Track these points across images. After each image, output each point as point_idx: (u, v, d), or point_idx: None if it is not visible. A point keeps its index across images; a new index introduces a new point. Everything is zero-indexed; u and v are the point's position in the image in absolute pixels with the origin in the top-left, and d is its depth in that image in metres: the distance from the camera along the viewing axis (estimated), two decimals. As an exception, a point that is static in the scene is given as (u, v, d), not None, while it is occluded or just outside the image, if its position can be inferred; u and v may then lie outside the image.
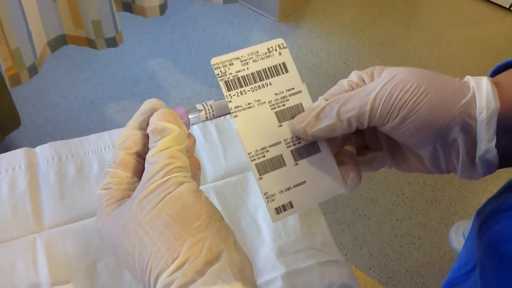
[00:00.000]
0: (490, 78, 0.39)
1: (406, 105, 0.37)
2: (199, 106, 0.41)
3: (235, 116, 0.41)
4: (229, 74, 0.41)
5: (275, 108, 0.42)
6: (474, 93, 0.38)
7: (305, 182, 0.42)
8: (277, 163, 0.41)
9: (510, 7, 2.32)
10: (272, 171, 0.41)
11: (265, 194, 0.41)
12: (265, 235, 0.62)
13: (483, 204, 0.47)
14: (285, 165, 0.42)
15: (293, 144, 0.42)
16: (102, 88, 1.78)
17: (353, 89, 0.41)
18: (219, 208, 0.63)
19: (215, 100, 0.42)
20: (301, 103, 0.43)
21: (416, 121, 0.38)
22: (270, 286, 0.58)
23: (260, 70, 0.42)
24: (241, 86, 0.41)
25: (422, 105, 0.37)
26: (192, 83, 1.86)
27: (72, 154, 0.66)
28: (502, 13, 2.33)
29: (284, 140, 0.42)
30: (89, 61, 1.89)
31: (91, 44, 1.33)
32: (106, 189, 0.38)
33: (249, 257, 0.60)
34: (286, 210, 0.41)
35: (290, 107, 0.43)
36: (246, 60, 0.42)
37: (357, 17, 2.24)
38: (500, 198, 0.43)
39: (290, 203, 0.41)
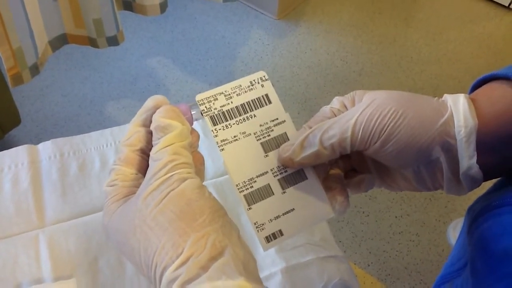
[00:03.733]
0: (467, 95, 0.40)
1: (386, 129, 0.38)
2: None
3: (222, 149, 0.42)
4: (214, 109, 0.42)
5: (260, 139, 0.43)
6: (452, 112, 0.38)
7: (293, 209, 0.43)
8: (265, 192, 0.42)
9: (509, 5, 2.33)
10: (260, 200, 0.42)
11: (254, 223, 0.42)
12: (265, 231, 0.63)
13: (474, 201, 0.48)
14: (273, 194, 0.43)
15: (280, 173, 0.43)
16: (102, 86, 1.79)
17: (335, 115, 0.42)
18: (219, 205, 0.64)
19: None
20: (285, 133, 0.44)
21: (397, 144, 0.38)
22: (270, 281, 0.59)
23: (244, 103, 0.43)
24: (226, 120, 0.42)
25: (401, 128, 0.38)
26: (192, 81, 1.86)
27: (74, 151, 0.67)
28: (501, 12, 2.34)
29: (271, 170, 0.43)
30: (88, 59, 1.89)
31: (92, 43, 1.33)
32: (111, 186, 0.38)
33: (249, 252, 0.61)
34: (276, 238, 0.42)
35: (275, 137, 0.44)
36: (229, 94, 0.43)
37: (356, 15, 2.25)
38: (490, 196, 0.44)
39: (280, 231, 0.42)
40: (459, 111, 0.38)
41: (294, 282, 0.59)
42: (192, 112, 0.41)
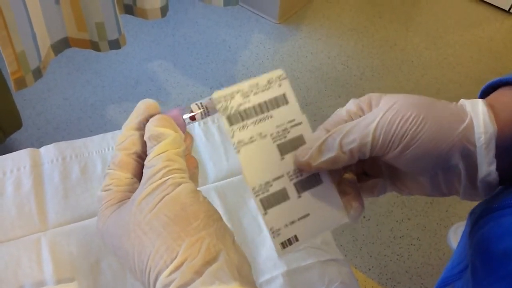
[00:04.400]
0: (485, 101, 0.40)
1: (407, 135, 0.38)
2: (193, 107, 0.40)
3: (238, 151, 0.40)
4: (230, 108, 0.41)
5: (276, 140, 0.42)
6: (471, 118, 0.38)
7: (308, 214, 0.42)
8: (281, 197, 0.41)
9: (509, 9, 2.33)
10: (276, 205, 0.41)
11: (270, 229, 0.40)
12: (266, 234, 0.63)
13: (476, 204, 0.48)
14: (289, 199, 0.41)
15: (296, 177, 0.42)
16: (103, 90, 1.79)
17: (352, 119, 0.42)
18: (221, 208, 0.64)
19: (209, 99, 0.41)
20: (302, 135, 0.43)
21: (417, 150, 0.38)
22: (271, 285, 0.59)
23: (261, 103, 0.42)
24: (243, 120, 0.41)
25: (422, 134, 0.38)
26: (193, 85, 1.87)
27: (76, 155, 0.67)
28: (501, 16, 2.35)
29: (287, 173, 0.42)
30: (90, 63, 1.90)
31: (94, 46, 1.34)
32: (106, 190, 0.38)
33: (251, 256, 0.61)
34: (292, 244, 0.41)
35: (291, 139, 0.42)
36: (247, 92, 0.41)
37: (357, 19, 2.25)
38: (491, 198, 0.44)
39: (296, 236, 0.41)
40: (478, 117, 0.38)
41: (295, 286, 0.59)
42: (184, 116, 0.40)
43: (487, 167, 0.38)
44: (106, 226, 0.37)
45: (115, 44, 1.34)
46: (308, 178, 0.42)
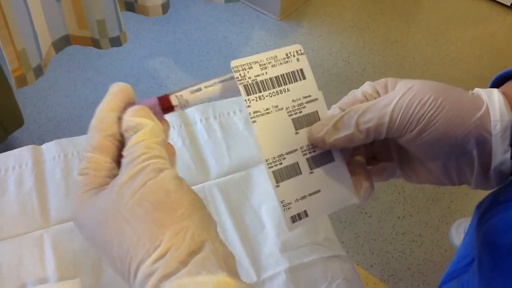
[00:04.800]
0: (499, 90, 0.40)
1: (425, 117, 0.38)
2: (173, 99, 0.40)
3: (254, 121, 0.40)
4: (248, 78, 0.41)
5: (292, 115, 0.42)
6: (487, 106, 0.38)
7: (319, 191, 0.42)
8: (293, 171, 0.41)
9: (511, 5, 2.32)
10: (288, 179, 0.41)
11: (281, 202, 0.41)
12: (268, 231, 0.63)
13: (483, 198, 0.48)
14: (301, 173, 0.42)
15: (309, 152, 0.42)
16: (104, 87, 1.77)
17: (367, 100, 0.42)
18: (223, 204, 0.64)
19: (191, 92, 0.40)
20: (317, 111, 0.43)
21: (433, 134, 0.38)
22: (274, 281, 0.59)
23: (278, 76, 0.42)
24: (260, 91, 0.41)
25: (439, 118, 0.37)
26: (194, 82, 1.86)
27: (77, 151, 0.67)
28: (503, 12, 2.34)
29: (300, 148, 0.42)
30: (91, 60, 1.89)
31: (95, 43, 1.33)
32: (83, 174, 0.36)
33: (253, 252, 0.61)
34: (301, 219, 0.41)
35: (306, 115, 0.42)
36: (264, 64, 0.42)
37: (358, 15, 2.25)
38: (498, 191, 0.44)
39: (305, 212, 0.41)
40: (494, 105, 0.38)
41: (297, 282, 0.59)
42: (162, 107, 0.39)
43: (501, 155, 0.38)
44: (82, 213, 0.35)
45: (116, 41, 1.34)
46: (320, 155, 0.42)
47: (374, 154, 0.46)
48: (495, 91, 0.39)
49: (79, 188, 0.36)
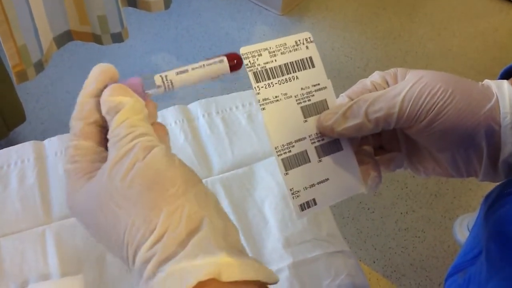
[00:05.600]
0: (509, 82, 0.39)
1: (434, 108, 0.37)
2: (157, 79, 0.37)
3: (263, 108, 0.40)
4: (257, 65, 0.41)
5: (301, 103, 0.42)
6: (497, 98, 0.38)
7: (328, 179, 0.42)
8: (302, 159, 0.41)
9: (514, 0, 2.31)
10: (297, 166, 0.41)
11: (290, 190, 0.41)
12: (272, 226, 0.63)
13: (491, 189, 0.47)
14: (310, 162, 0.42)
15: (317, 141, 0.42)
16: (106, 83, 1.78)
17: (376, 89, 0.41)
18: (226, 200, 0.64)
19: (177, 73, 0.38)
20: (325, 100, 0.43)
21: (443, 125, 0.38)
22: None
23: (287, 63, 0.42)
24: (269, 78, 0.41)
25: (449, 109, 0.37)
26: (196, 78, 1.86)
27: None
28: (506, 7, 2.33)
29: (309, 136, 0.42)
30: (92, 56, 1.89)
31: (97, 39, 1.33)
32: (72, 163, 0.35)
33: (256, 248, 0.61)
34: (310, 207, 0.41)
35: (315, 103, 0.42)
36: (274, 51, 0.42)
37: (361, 10, 2.24)
38: (506, 182, 0.44)
39: (314, 200, 0.41)
40: (504, 97, 0.38)
41: (301, 278, 0.59)
42: (146, 90, 0.37)
43: (510, 147, 0.38)
44: (76, 201, 0.34)
45: (117, 37, 1.34)
46: (329, 144, 0.42)
47: (382, 144, 0.46)
48: (505, 82, 0.39)
49: (71, 177, 0.35)
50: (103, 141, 0.36)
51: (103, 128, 0.36)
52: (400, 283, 1.41)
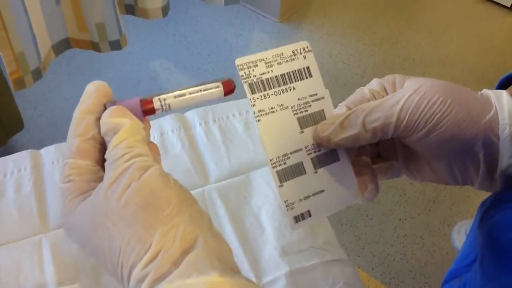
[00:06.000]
0: (508, 92, 0.39)
1: (433, 118, 0.37)
2: (155, 101, 0.38)
3: (258, 120, 0.40)
4: (253, 76, 0.40)
5: (297, 113, 0.41)
6: (496, 109, 0.38)
7: (323, 191, 0.42)
8: (297, 170, 0.41)
9: (511, 6, 2.32)
10: (292, 178, 0.41)
11: (285, 202, 0.40)
12: (268, 235, 0.63)
13: (487, 196, 0.47)
14: (305, 173, 0.41)
15: (314, 152, 0.42)
16: (105, 90, 1.78)
17: (375, 98, 0.41)
18: (222, 208, 0.64)
19: (175, 97, 0.38)
20: (323, 110, 0.42)
21: (441, 135, 0.37)
22: (274, 285, 0.59)
23: (284, 74, 0.41)
24: (265, 89, 0.40)
25: (448, 119, 0.37)
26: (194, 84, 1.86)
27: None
28: (503, 13, 2.34)
29: (305, 147, 0.41)
30: (91, 63, 1.89)
31: (95, 47, 1.33)
32: (67, 182, 0.35)
33: (253, 256, 0.61)
34: (305, 218, 0.41)
35: (312, 113, 0.42)
36: (270, 62, 0.41)
37: (358, 17, 2.25)
38: (502, 190, 0.44)
39: (309, 211, 0.41)
40: (503, 108, 0.37)
41: (298, 286, 0.59)
42: (143, 108, 0.38)
43: (508, 159, 0.38)
44: (70, 222, 0.34)
45: (116, 45, 1.34)
46: (325, 154, 0.42)
47: (379, 151, 0.46)
48: (504, 93, 0.39)
49: (65, 196, 0.35)
50: (100, 159, 0.36)
51: (101, 145, 0.36)
52: (399, 290, 1.41)
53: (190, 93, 0.39)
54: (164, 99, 0.38)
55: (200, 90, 0.39)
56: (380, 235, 1.51)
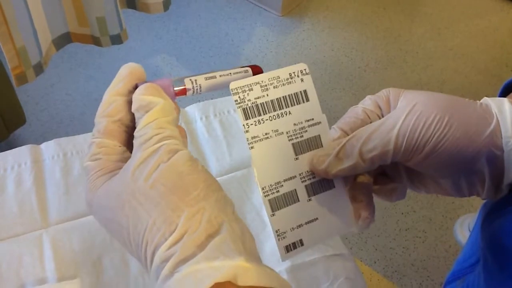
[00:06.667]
0: (510, 100, 0.38)
1: (431, 141, 0.36)
2: (187, 83, 0.38)
3: (252, 147, 0.38)
4: (247, 100, 0.38)
5: (292, 139, 0.40)
6: (498, 120, 0.36)
7: (317, 219, 0.40)
8: (290, 198, 0.39)
9: (514, -1, 2.31)
10: (285, 207, 0.39)
11: (276, 231, 0.39)
12: (270, 230, 0.62)
13: None
14: (299, 201, 0.40)
15: (308, 179, 0.40)
16: (106, 85, 1.76)
17: (369, 117, 0.40)
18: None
19: (206, 79, 0.39)
20: (319, 135, 0.41)
21: (441, 156, 0.36)
22: (275, 280, 0.59)
23: (280, 98, 0.40)
24: (260, 115, 0.39)
25: (446, 140, 0.36)
26: (196, 79, 1.86)
27: (77, 151, 0.66)
28: (507, 6, 2.32)
29: (299, 174, 0.40)
30: (92, 58, 1.89)
31: (96, 41, 1.33)
32: (94, 160, 0.35)
33: (254, 251, 0.60)
34: (296, 248, 0.40)
35: (308, 139, 0.40)
36: (266, 85, 0.39)
37: (361, 10, 2.23)
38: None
39: (301, 240, 0.40)
40: (506, 119, 0.36)
41: (299, 281, 0.59)
42: (176, 88, 0.38)
43: None
44: (96, 198, 0.34)
45: (117, 39, 1.33)
46: (320, 182, 0.41)
47: (383, 170, 0.44)
48: (505, 102, 0.37)
49: (92, 174, 0.35)
50: (126, 141, 0.36)
51: (128, 127, 0.37)
52: (401, 284, 1.41)
53: (220, 76, 0.39)
54: (196, 80, 0.38)
55: (230, 74, 0.39)
56: (383, 228, 1.51)
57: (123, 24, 1.31)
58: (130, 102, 0.36)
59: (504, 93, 0.43)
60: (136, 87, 0.37)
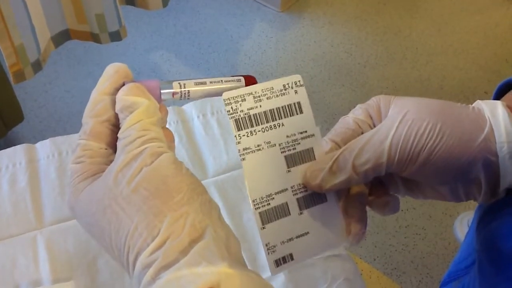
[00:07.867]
0: (504, 103, 0.37)
1: (424, 150, 0.36)
2: (175, 86, 0.37)
3: (243, 159, 0.38)
4: (240, 111, 0.38)
5: (285, 151, 0.39)
6: (491, 125, 0.36)
7: (308, 233, 0.40)
8: (281, 212, 0.39)
9: (515, -6, 2.30)
10: (275, 220, 0.38)
11: (266, 245, 0.38)
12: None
13: None
14: (290, 214, 0.39)
15: (300, 192, 0.40)
16: (105, 81, 1.78)
17: (360, 128, 0.40)
18: (221, 203, 0.63)
19: (195, 84, 0.38)
20: (312, 148, 0.40)
21: (434, 165, 0.36)
22: (273, 281, 0.58)
23: (273, 109, 0.39)
24: (252, 126, 0.38)
25: (440, 148, 0.35)
26: (195, 75, 1.85)
27: (72, 150, 0.66)
28: (507, 2, 2.31)
29: (291, 187, 0.39)
30: (91, 54, 1.88)
31: (95, 38, 1.32)
32: (78, 163, 0.35)
33: (251, 251, 0.60)
34: (286, 262, 0.39)
35: (300, 152, 0.40)
36: (259, 96, 0.39)
37: (361, 6, 2.22)
38: None
39: (291, 255, 0.39)
40: (499, 124, 0.36)
41: (297, 282, 0.58)
42: (163, 91, 0.37)
43: (511, 177, 0.36)
44: (78, 202, 0.34)
45: (116, 36, 1.32)
46: (312, 195, 0.40)
47: (379, 178, 0.44)
48: (499, 105, 0.37)
49: (75, 177, 0.34)
50: (113, 142, 0.36)
51: (115, 127, 0.36)
52: (401, 281, 1.40)
53: (210, 82, 0.38)
54: (184, 84, 0.37)
55: (222, 81, 0.38)
56: (382, 225, 1.51)
57: (122, 20, 1.30)
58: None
59: (498, 95, 0.43)
60: (123, 85, 0.36)
